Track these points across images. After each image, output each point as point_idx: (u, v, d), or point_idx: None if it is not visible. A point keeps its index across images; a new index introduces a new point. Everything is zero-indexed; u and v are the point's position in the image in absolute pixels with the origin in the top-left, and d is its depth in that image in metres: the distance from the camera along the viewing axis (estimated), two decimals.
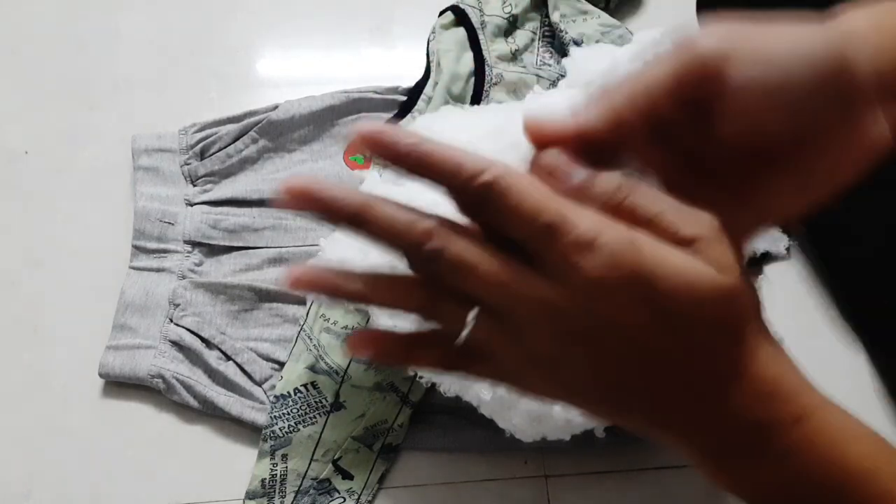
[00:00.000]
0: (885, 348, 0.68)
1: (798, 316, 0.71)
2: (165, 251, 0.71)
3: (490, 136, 0.55)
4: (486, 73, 0.75)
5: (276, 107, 0.75)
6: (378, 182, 0.60)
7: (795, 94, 0.27)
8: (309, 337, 0.65)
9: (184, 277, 0.69)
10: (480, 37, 0.77)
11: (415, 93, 0.76)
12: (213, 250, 0.71)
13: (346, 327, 0.64)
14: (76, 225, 0.74)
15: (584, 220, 0.26)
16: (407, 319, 0.29)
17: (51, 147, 0.77)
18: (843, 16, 0.28)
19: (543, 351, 0.27)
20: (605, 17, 0.79)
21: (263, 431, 0.63)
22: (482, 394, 0.52)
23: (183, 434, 0.66)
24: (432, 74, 0.76)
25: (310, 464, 0.63)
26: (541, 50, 0.79)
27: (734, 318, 0.27)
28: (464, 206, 0.28)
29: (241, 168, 0.74)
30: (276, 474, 0.62)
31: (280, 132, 0.74)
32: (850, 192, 0.29)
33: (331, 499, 0.63)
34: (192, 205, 0.72)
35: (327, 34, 0.84)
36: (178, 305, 0.68)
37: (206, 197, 0.72)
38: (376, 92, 0.77)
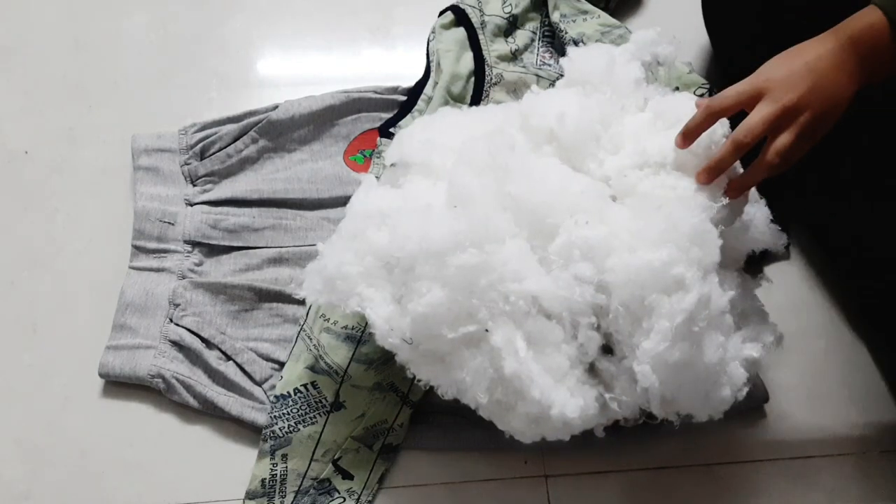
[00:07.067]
0: None
1: (798, 316, 0.71)
2: (165, 251, 0.71)
3: (489, 137, 0.55)
4: (486, 73, 0.75)
5: (276, 107, 0.75)
6: (375, 184, 0.60)
7: None
8: (309, 337, 0.65)
9: (184, 277, 0.69)
10: (480, 37, 0.77)
11: (415, 93, 0.76)
12: (213, 250, 0.71)
13: (346, 327, 0.64)
14: (76, 225, 0.74)
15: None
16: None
17: (51, 147, 0.77)
18: None
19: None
20: (605, 17, 0.79)
21: (263, 431, 0.63)
22: (479, 397, 0.52)
23: (183, 434, 0.66)
24: (432, 74, 0.76)
25: (310, 464, 0.63)
26: (541, 50, 0.79)
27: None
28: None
29: (241, 168, 0.74)
30: (276, 474, 0.62)
31: (280, 132, 0.74)
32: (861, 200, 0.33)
33: (331, 499, 0.63)
34: (192, 205, 0.72)
35: (327, 34, 0.84)
36: (178, 305, 0.68)
37: (206, 197, 0.72)
38: (376, 92, 0.77)
